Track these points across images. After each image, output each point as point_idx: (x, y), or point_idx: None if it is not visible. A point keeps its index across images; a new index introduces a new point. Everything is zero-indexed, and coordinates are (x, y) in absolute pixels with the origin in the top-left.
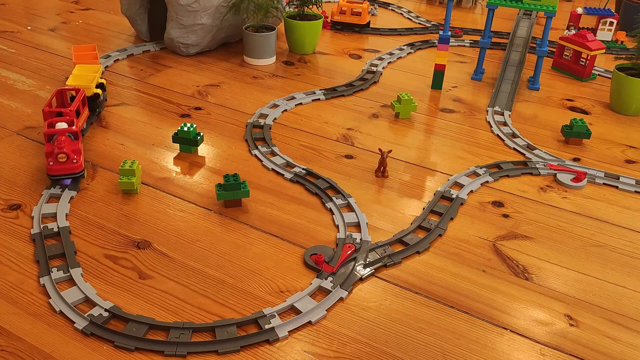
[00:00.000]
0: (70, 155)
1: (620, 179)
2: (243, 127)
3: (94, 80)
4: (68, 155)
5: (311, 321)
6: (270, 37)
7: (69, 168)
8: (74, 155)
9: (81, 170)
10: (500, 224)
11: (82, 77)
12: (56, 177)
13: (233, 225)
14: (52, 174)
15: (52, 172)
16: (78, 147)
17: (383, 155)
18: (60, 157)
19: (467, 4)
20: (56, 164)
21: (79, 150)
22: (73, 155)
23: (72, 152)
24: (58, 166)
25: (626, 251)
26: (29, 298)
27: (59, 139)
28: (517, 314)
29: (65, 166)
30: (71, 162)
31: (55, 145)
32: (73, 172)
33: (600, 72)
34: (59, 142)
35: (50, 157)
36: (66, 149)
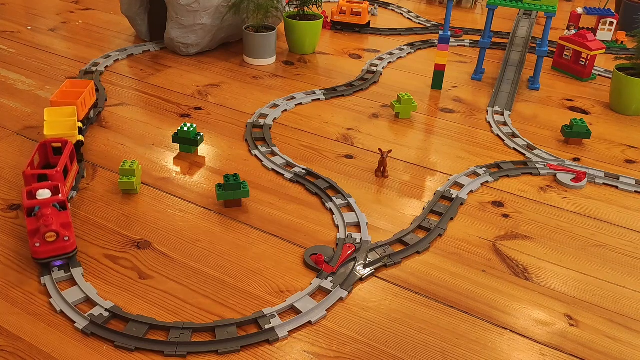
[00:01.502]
0: (61, 232)
1: (620, 179)
2: (243, 127)
3: (75, 125)
4: (58, 232)
5: (311, 321)
6: (270, 37)
7: (60, 248)
8: (65, 231)
9: (74, 249)
10: (500, 224)
11: (60, 124)
12: (45, 259)
13: (233, 225)
14: (40, 257)
15: (40, 255)
16: (68, 219)
17: (383, 155)
18: (49, 236)
19: (467, 4)
20: (44, 244)
21: (69, 224)
22: (64, 232)
23: (61, 227)
24: (46, 247)
25: (626, 251)
26: (29, 298)
27: (44, 212)
28: (517, 314)
29: (55, 246)
30: (62, 240)
31: (41, 222)
32: (65, 253)
33: (600, 72)
34: (45, 217)
35: (35, 236)
36: (54, 226)
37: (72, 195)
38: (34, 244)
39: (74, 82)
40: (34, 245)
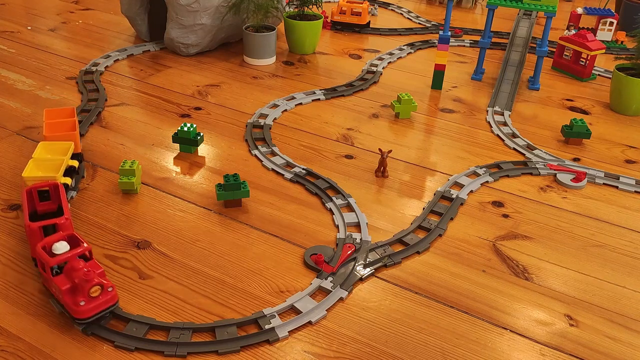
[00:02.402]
0: (104, 283)
1: (620, 179)
2: (243, 127)
3: (62, 165)
4: (102, 284)
5: (311, 321)
6: (270, 37)
7: (106, 301)
8: (108, 282)
9: (117, 299)
10: (500, 224)
11: (44, 164)
12: (92, 317)
13: (233, 225)
14: (86, 317)
15: (86, 314)
16: (100, 268)
17: (383, 155)
18: (94, 291)
19: (467, 4)
20: (89, 301)
21: (104, 273)
22: (107, 282)
23: (101, 277)
24: (92, 304)
25: (626, 251)
26: (29, 298)
27: (77, 266)
28: (517, 314)
29: (100, 300)
30: (107, 292)
31: (80, 277)
32: (112, 305)
33: (600, 72)
34: (82, 272)
35: (75, 295)
36: (97, 278)
37: (72, 195)
38: (77, 304)
39: (53, 111)
40: (78, 304)
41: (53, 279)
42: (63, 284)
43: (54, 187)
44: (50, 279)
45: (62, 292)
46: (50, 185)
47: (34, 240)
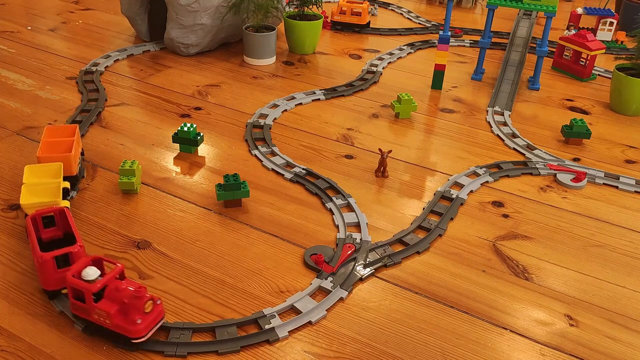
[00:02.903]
0: (153, 297)
1: (620, 179)
2: (243, 127)
3: (59, 189)
4: (152, 298)
5: (311, 321)
6: (270, 37)
7: (158, 314)
8: (155, 295)
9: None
10: (500, 224)
11: (40, 189)
12: (149, 333)
13: (233, 225)
14: (144, 334)
15: (143, 331)
16: (136, 283)
17: (383, 155)
18: (148, 305)
19: (467, 4)
20: (144, 318)
21: (145, 287)
22: (155, 296)
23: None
24: (147, 320)
25: (626, 251)
26: (29, 298)
27: (121, 286)
28: (517, 314)
29: (153, 315)
30: (157, 305)
31: (131, 295)
32: (162, 318)
33: (600, 72)
34: (132, 290)
35: (132, 314)
36: (145, 293)
37: (72, 195)
38: (134, 323)
39: (55, 128)
40: (135, 323)
41: (96, 306)
42: (110, 308)
43: (59, 213)
44: (92, 306)
45: (112, 316)
46: (55, 210)
47: (47, 271)
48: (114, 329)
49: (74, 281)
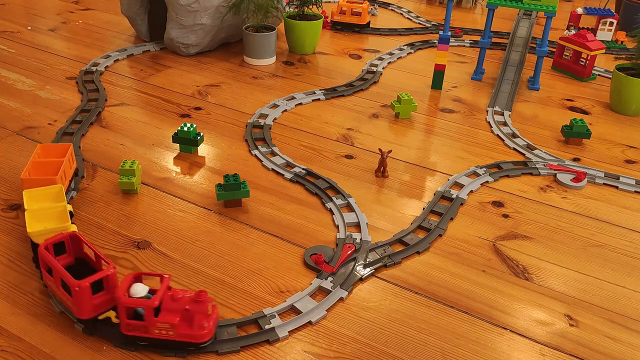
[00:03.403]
0: (210, 299)
1: (620, 179)
2: (243, 127)
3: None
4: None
5: (311, 321)
6: (270, 37)
7: (216, 314)
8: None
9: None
10: (500, 224)
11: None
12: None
13: (233, 225)
14: (212, 335)
15: (211, 333)
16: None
17: (383, 155)
18: (211, 307)
19: (467, 4)
20: (209, 320)
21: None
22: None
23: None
24: (210, 321)
25: (626, 251)
26: (29, 298)
27: (176, 295)
28: (517, 314)
29: (214, 315)
30: (213, 305)
31: (192, 301)
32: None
33: (600, 72)
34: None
35: (198, 320)
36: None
37: (72, 195)
38: (201, 327)
39: (48, 147)
40: (203, 327)
41: (157, 320)
42: (173, 319)
43: (70, 238)
44: (154, 322)
45: (176, 326)
46: (66, 236)
47: (84, 299)
48: (179, 338)
49: (131, 301)
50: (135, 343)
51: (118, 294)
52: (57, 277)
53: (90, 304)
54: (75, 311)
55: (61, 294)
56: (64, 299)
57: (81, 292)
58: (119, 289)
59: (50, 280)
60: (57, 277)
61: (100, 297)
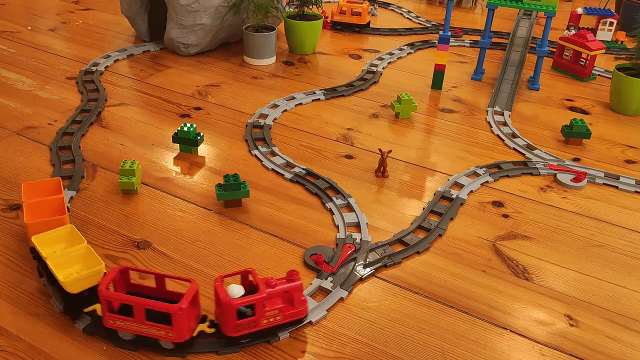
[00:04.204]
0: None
1: (620, 179)
2: (243, 127)
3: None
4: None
5: (311, 321)
6: (270, 37)
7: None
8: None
9: None
10: (500, 224)
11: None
12: None
13: (233, 225)
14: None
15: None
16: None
17: (383, 155)
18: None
19: (467, 4)
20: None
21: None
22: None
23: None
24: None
25: (626, 251)
26: (29, 298)
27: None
28: (517, 314)
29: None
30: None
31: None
32: None
33: (600, 72)
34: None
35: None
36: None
37: (72, 196)
38: (302, 302)
39: (34, 185)
40: (303, 302)
41: (266, 311)
42: (277, 304)
43: (121, 273)
44: (263, 313)
45: (283, 309)
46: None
47: (183, 321)
48: (286, 320)
49: (242, 300)
50: (240, 343)
51: (228, 300)
52: (140, 312)
53: (188, 324)
54: (174, 336)
55: (146, 327)
56: (152, 331)
57: (183, 315)
58: (223, 296)
59: (120, 320)
60: (140, 311)
61: (193, 314)
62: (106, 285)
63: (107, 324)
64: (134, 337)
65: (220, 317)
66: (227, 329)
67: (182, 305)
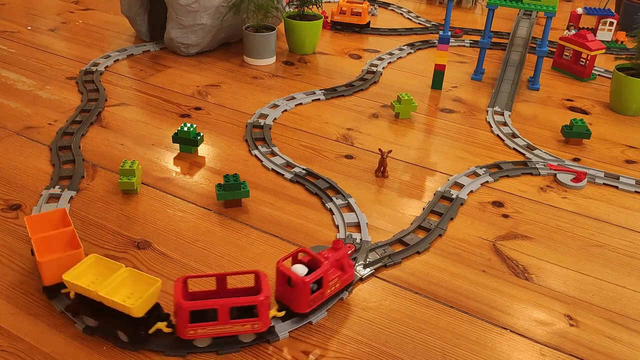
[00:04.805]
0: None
1: (620, 179)
2: (243, 127)
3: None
4: None
5: (311, 321)
6: (270, 37)
7: None
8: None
9: None
10: (500, 224)
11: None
12: None
13: (233, 225)
14: None
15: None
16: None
17: (383, 155)
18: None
19: (467, 4)
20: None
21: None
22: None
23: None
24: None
25: (626, 251)
26: (29, 298)
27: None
28: (517, 314)
29: None
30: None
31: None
32: None
33: (600, 72)
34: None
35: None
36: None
37: (72, 196)
38: (352, 266)
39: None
40: (352, 266)
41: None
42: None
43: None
44: (328, 281)
45: (341, 276)
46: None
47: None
48: (342, 286)
49: (313, 276)
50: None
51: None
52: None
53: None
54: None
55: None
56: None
57: (266, 303)
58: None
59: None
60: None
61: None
62: (182, 297)
63: (186, 336)
64: (210, 342)
65: (293, 296)
66: (300, 306)
67: (266, 294)
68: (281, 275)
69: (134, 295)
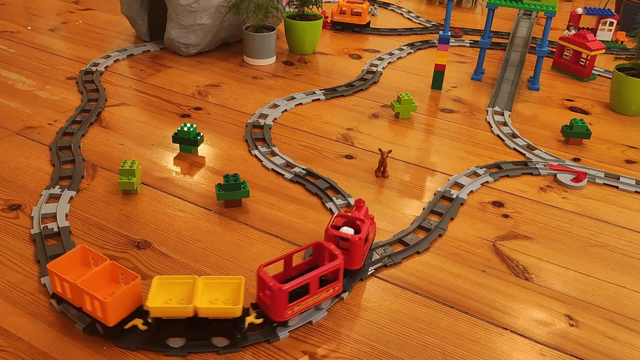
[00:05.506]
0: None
1: (620, 179)
2: (243, 127)
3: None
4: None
5: (311, 321)
6: (270, 37)
7: None
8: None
9: None
10: (500, 224)
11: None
12: None
13: (233, 225)
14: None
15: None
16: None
17: (383, 155)
18: None
19: (467, 4)
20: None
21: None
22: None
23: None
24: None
25: (626, 251)
26: (29, 298)
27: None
28: (517, 314)
29: None
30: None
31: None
32: None
33: (600, 72)
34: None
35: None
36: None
37: (72, 196)
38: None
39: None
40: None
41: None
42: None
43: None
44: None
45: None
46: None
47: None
48: (374, 235)
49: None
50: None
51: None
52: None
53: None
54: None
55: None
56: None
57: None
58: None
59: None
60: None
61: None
62: (278, 284)
63: (284, 317)
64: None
65: (351, 253)
66: (356, 262)
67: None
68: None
69: (219, 300)
